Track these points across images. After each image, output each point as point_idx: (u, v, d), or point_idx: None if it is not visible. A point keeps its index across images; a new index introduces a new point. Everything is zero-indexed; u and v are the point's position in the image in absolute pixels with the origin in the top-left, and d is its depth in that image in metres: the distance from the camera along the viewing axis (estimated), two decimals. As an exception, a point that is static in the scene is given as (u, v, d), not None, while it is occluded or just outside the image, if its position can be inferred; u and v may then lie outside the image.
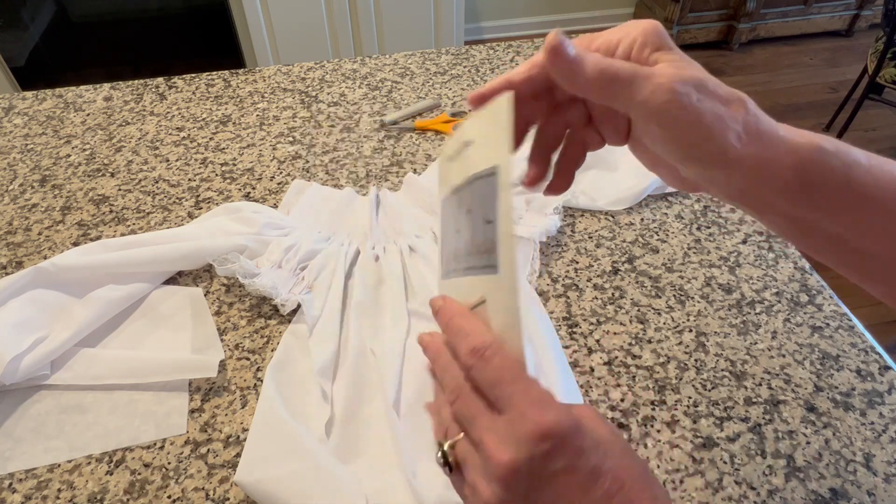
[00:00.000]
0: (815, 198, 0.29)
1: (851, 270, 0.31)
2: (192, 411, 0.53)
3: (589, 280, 0.64)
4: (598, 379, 0.55)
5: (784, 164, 0.28)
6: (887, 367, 0.56)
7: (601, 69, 0.28)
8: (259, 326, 0.60)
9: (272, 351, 0.57)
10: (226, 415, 0.53)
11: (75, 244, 0.69)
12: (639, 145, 0.33)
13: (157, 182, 0.77)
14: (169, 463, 0.50)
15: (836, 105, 2.23)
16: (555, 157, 0.37)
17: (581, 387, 0.54)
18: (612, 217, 0.71)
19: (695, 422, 0.52)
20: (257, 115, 0.89)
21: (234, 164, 0.80)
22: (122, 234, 0.70)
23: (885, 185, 0.28)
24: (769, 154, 0.28)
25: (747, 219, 0.71)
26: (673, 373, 0.55)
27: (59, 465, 0.50)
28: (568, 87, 0.30)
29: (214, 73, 0.98)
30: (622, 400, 0.53)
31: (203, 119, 0.88)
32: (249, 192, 0.75)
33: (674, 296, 0.62)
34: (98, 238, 0.69)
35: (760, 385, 0.55)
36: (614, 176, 0.75)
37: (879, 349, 0.57)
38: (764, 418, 0.52)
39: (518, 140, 0.35)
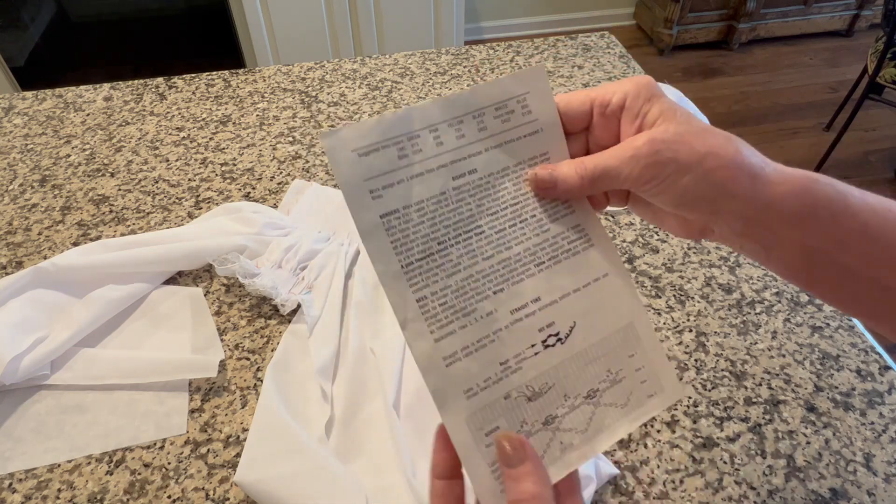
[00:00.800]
0: (821, 223, 0.29)
1: (865, 308, 0.31)
2: (192, 411, 0.53)
3: (589, 280, 0.64)
4: (598, 379, 0.55)
5: (781, 192, 0.29)
6: (887, 367, 0.56)
7: (583, 176, 0.31)
8: (259, 326, 0.60)
9: (272, 351, 0.57)
10: (226, 415, 0.53)
11: (75, 244, 0.69)
12: (638, 202, 0.34)
13: (157, 182, 0.77)
14: (169, 463, 0.50)
15: (836, 105, 2.23)
16: None
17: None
18: (612, 217, 0.71)
19: (695, 422, 0.52)
20: (257, 115, 0.89)
21: (234, 164, 0.80)
22: (122, 234, 0.70)
23: (882, 212, 0.29)
24: (764, 188, 0.29)
25: (747, 219, 0.71)
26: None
27: (59, 465, 0.50)
28: (563, 198, 0.32)
29: (214, 73, 0.98)
30: (622, 400, 0.53)
31: (203, 119, 0.88)
32: (249, 192, 0.75)
33: (674, 296, 0.62)
34: (98, 238, 0.69)
35: (760, 385, 0.55)
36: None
37: (879, 349, 0.57)
38: (764, 418, 0.52)
39: None
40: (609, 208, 0.71)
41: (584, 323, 0.31)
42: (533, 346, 0.30)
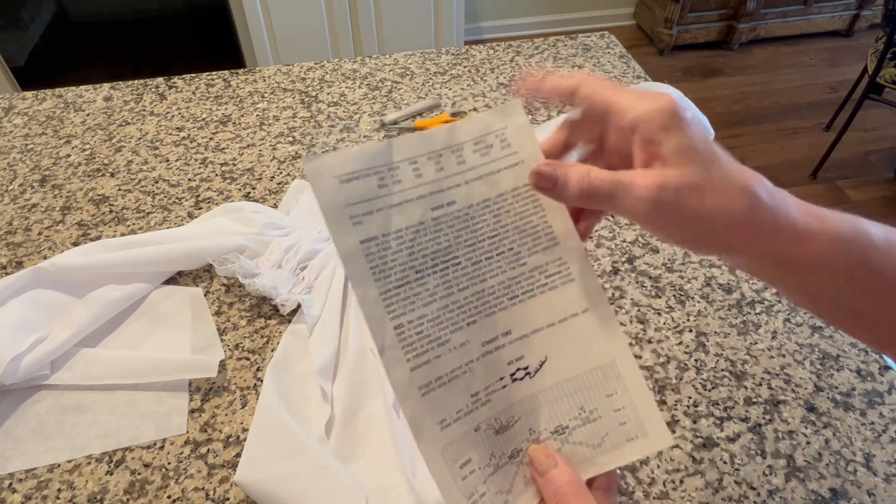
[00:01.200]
0: (862, 284, 0.28)
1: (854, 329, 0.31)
2: (192, 411, 0.53)
3: (589, 280, 0.64)
4: (598, 379, 0.55)
5: (817, 251, 0.27)
6: (887, 367, 0.56)
7: (582, 188, 0.29)
8: (259, 326, 0.60)
9: (272, 351, 0.57)
10: (226, 415, 0.53)
11: (75, 244, 0.69)
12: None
13: (157, 182, 0.77)
14: (169, 463, 0.50)
15: (836, 105, 2.23)
16: None
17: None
18: (612, 217, 0.71)
19: (695, 422, 0.52)
20: (257, 115, 0.89)
21: (234, 164, 0.80)
22: (122, 234, 0.70)
23: None
24: (793, 246, 0.27)
25: (747, 219, 0.71)
26: (673, 373, 0.56)
27: (59, 465, 0.50)
28: (557, 200, 0.31)
29: (214, 73, 0.98)
30: (622, 400, 0.53)
31: (203, 119, 0.88)
32: (249, 192, 0.75)
33: (674, 296, 0.62)
34: (98, 238, 0.69)
35: (760, 385, 0.55)
36: (614, 176, 0.75)
37: (879, 349, 0.58)
38: (764, 418, 0.52)
39: None
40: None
41: (555, 359, 0.31)
42: (502, 378, 0.30)
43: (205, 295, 0.63)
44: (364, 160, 0.30)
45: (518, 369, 0.30)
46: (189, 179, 0.78)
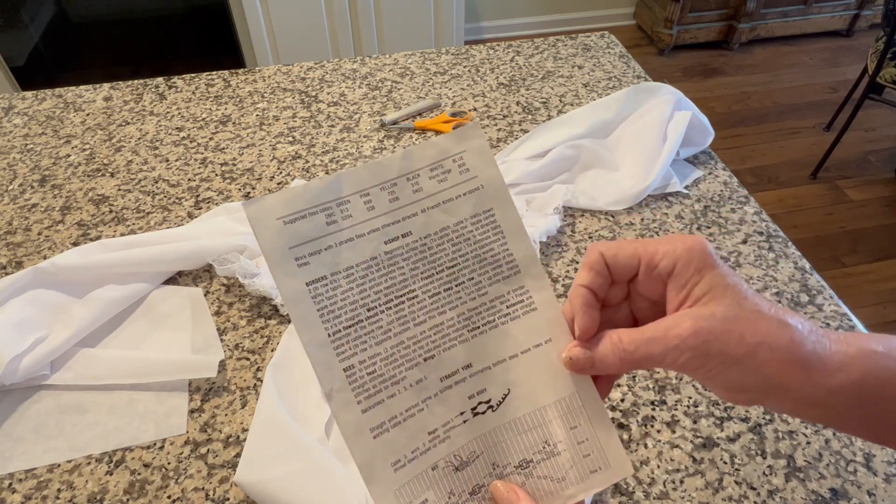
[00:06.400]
0: (880, 413, 0.28)
1: None
2: (192, 411, 0.53)
3: (589, 280, 0.64)
4: (598, 379, 0.55)
5: (840, 382, 0.27)
6: (887, 367, 0.56)
7: (621, 359, 0.29)
8: (259, 326, 0.60)
9: (272, 351, 0.57)
10: (226, 415, 0.53)
11: (75, 244, 0.69)
12: None
13: (156, 182, 0.77)
14: (169, 463, 0.50)
15: (836, 105, 2.23)
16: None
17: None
18: (612, 217, 0.71)
19: (695, 422, 0.52)
20: (257, 115, 0.89)
21: (234, 164, 0.80)
22: (122, 234, 0.70)
23: None
24: (822, 378, 0.27)
25: (748, 219, 0.71)
26: (673, 372, 0.55)
27: (59, 465, 0.50)
28: (600, 374, 0.31)
29: (214, 73, 0.98)
30: (622, 400, 0.53)
31: (203, 119, 0.88)
32: (249, 192, 0.75)
33: (674, 296, 0.62)
34: (98, 238, 0.69)
35: (760, 385, 0.54)
36: (614, 176, 0.75)
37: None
38: (764, 418, 0.52)
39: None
40: (609, 208, 0.72)
41: (518, 391, 0.30)
42: (462, 413, 0.30)
43: (205, 295, 0.63)
44: (309, 197, 0.29)
45: (480, 402, 0.30)
46: (189, 179, 0.78)
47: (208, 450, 0.51)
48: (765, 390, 0.27)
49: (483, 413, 0.30)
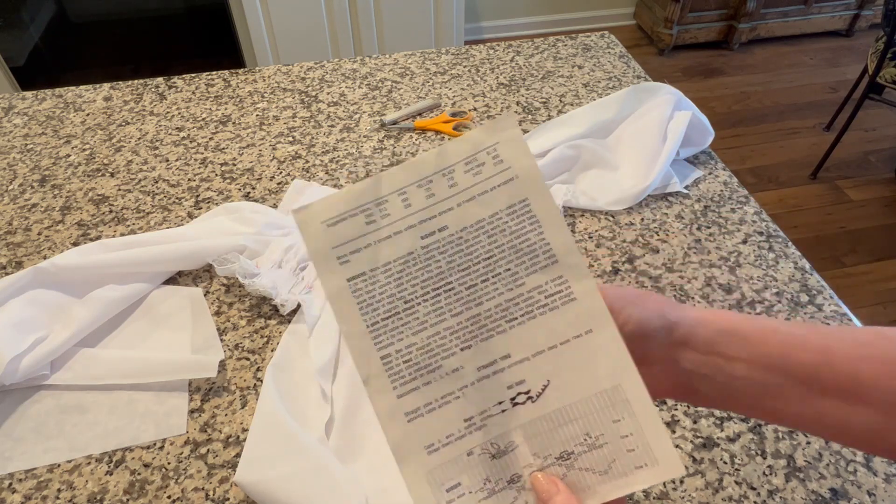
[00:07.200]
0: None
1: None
2: (192, 411, 0.53)
3: (589, 280, 0.64)
4: (598, 379, 0.55)
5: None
6: (887, 367, 0.56)
7: None
8: (259, 326, 0.60)
9: (272, 351, 0.57)
10: (226, 415, 0.53)
11: (75, 244, 0.69)
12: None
13: (156, 182, 0.77)
14: (169, 463, 0.50)
15: (836, 105, 2.23)
16: None
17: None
18: (612, 217, 0.71)
19: (695, 422, 0.52)
20: (257, 115, 0.88)
21: (234, 164, 0.80)
22: (122, 234, 0.70)
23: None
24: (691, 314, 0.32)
25: (748, 219, 0.71)
26: (673, 373, 0.55)
27: (59, 465, 0.50)
28: None
29: (214, 73, 0.98)
30: (622, 400, 0.53)
31: (203, 119, 0.88)
32: (249, 192, 0.75)
33: (674, 296, 0.62)
34: (98, 238, 0.69)
35: (760, 385, 0.54)
36: (614, 176, 0.75)
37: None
38: (764, 418, 0.52)
39: None
40: (609, 208, 0.72)
41: (559, 382, 0.30)
42: (500, 403, 0.30)
43: (205, 295, 0.63)
44: (350, 200, 0.30)
45: (519, 393, 0.30)
46: (189, 179, 0.78)
47: (208, 450, 0.51)
48: (663, 326, 0.31)
49: (522, 403, 0.30)
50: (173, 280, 0.65)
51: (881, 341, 0.29)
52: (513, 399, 0.30)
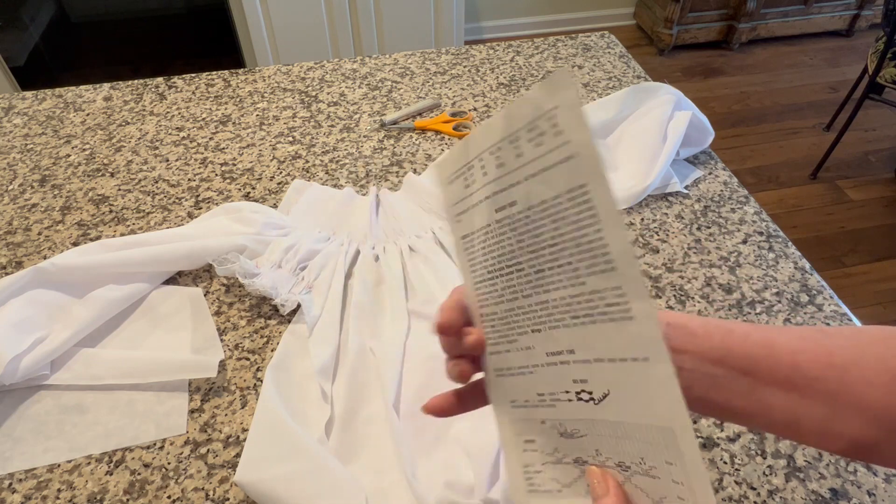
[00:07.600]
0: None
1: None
2: (191, 411, 0.53)
3: (589, 280, 0.64)
4: (598, 379, 0.55)
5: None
6: (887, 367, 0.56)
7: None
8: (259, 326, 0.60)
9: (272, 351, 0.57)
10: (226, 415, 0.53)
11: (75, 244, 0.69)
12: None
13: (156, 182, 0.77)
14: (169, 463, 0.50)
15: (836, 105, 2.23)
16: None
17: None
18: (612, 217, 0.71)
19: (695, 422, 0.52)
20: (257, 115, 0.88)
21: (234, 164, 0.80)
22: (122, 234, 0.70)
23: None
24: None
25: (748, 219, 0.71)
26: (673, 373, 0.55)
27: (59, 466, 0.50)
28: None
29: (214, 73, 0.98)
30: (622, 400, 0.53)
31: (203, 119, 0.88)
32: (249, 192, 0.75)
33: (674, 296, 0.62)
34: (98, 238, 0.69)
35: (760, 385, 0.54)
36: (614, 176, 0.75)
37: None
38: (764, 418, 0.52)
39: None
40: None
41: (618, 396, 0.27)
42: (567, 392, 0.29)
43: (205, 295, 0.63)
44: (456, 158, 0.31)
45: (583, 391, 0.28)
46: (189, 179, 0.78)
47: (208, 450, 0.51)
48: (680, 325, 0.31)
49: (586, 401, 0.28)
50: (173, 280, 0.65)
51: (820, 335, 0.30)
52: (578, 393, 0.29)
